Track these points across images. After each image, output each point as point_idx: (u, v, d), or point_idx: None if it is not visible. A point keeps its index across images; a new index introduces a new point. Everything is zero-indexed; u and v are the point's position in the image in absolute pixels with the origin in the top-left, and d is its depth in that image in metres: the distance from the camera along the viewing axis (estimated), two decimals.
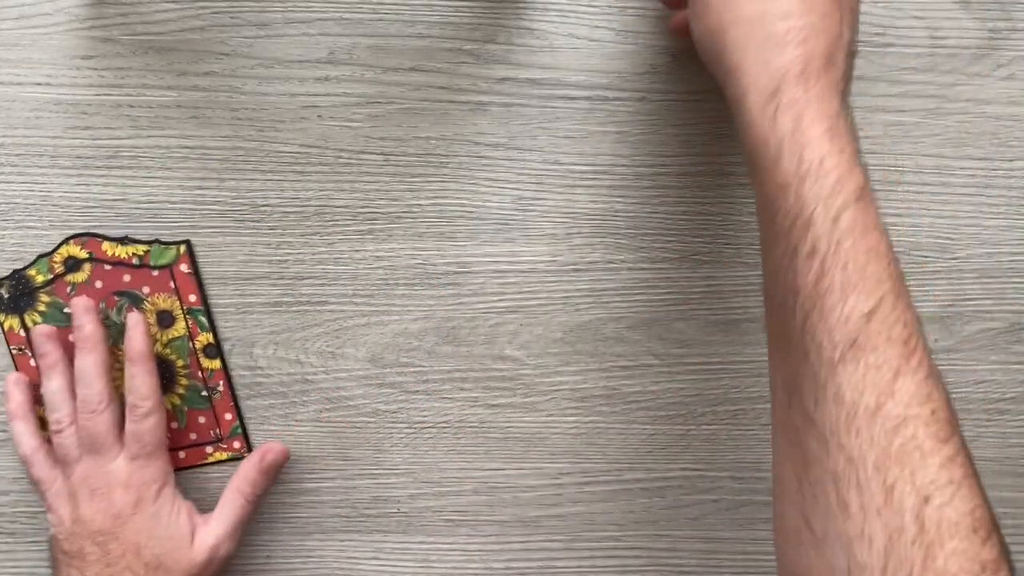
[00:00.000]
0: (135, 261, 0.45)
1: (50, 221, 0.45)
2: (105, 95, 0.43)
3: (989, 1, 0.43)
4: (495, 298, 0.47)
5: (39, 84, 0.43)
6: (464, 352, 0.47)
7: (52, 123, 0.43)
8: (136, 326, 0.44)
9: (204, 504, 0.48)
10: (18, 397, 0.45)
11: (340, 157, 0.44)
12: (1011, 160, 0.45)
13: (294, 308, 0.47)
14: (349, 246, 0.46)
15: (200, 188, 0.45)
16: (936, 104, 0.45)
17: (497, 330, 0.47)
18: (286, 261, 0.46)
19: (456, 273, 0.46)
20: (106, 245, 0.45)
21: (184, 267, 0.45)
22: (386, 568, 0.51)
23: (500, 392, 0.48)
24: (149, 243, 0.45)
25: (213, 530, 0.45)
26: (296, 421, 0.48)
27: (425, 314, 0.47)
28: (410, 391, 0.48)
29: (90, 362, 0.44)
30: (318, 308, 0.47)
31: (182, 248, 0.45)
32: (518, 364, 0.48)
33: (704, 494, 0.50)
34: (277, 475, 0.48)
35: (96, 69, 0.43)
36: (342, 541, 0.50)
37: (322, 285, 0.46)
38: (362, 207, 0.45)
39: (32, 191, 0.44)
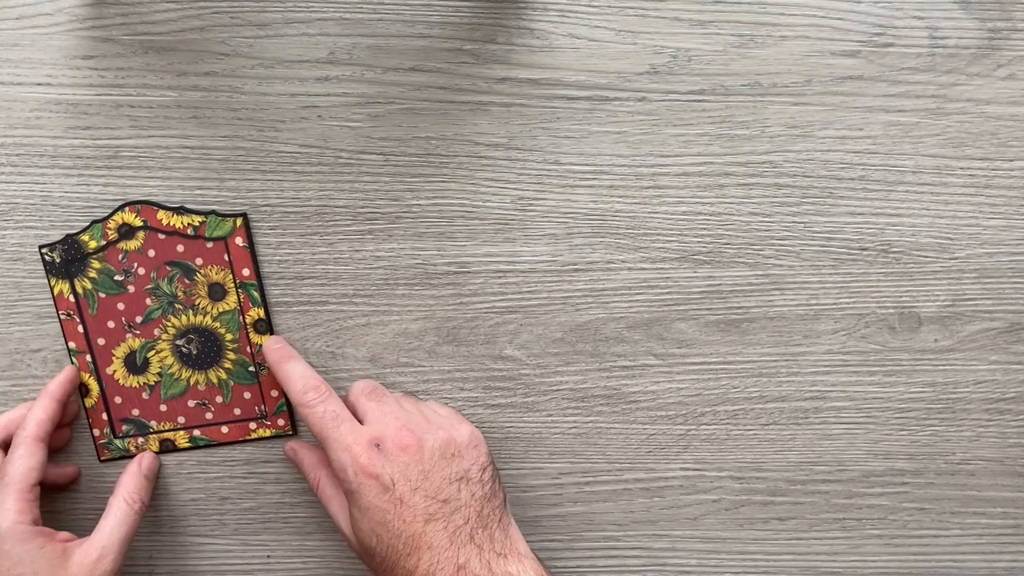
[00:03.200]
0: (190, 231, 0.45)
1: (50, 221, 0.45)
2: (105, 95, 0.43)
3: (989, 1, 0.43)
4: (495, 298, 0.47)
5: (39, 84, 0.43)
6: (464, 352, 0.47)
7: (52, 123, 0.43)
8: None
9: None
10: None
11: (340, 157, 0.44)
12: (1011, 160, 0.45)
13: (294, 308, 0.47)
14: (349, 246, 0.46)
15: (200, 188, 0.45)
16: (936, 104, 0.45)
17: (497, 330, 0.47)
18: (286, 261, 0.46)
19: (456, 273, 0.46)
20: (161, 214, 0.45)
21: (239, 240, 0.45)
22: None
23: (500, 392, 0.48)
24: (206, 214, 0.45)
25: (96, 544, 0.42)
26: (296, 421, 0.48)
27: (425, 314, 0.47)
28: (410, 391, 0.48)
29: None
30: (318, 308, 0.47)
31: (239, 221, 0.45)
32: (518, 364, 0.48)
33: (704, 494, 0.50)
34: (155, 480, 0.48)
35: (96, 69, 0.43)
36: (342, 541, 0.50)
37: (322, 285, 0.46)
38: (362, 207, 0.45)
39: (32, 191, 0.44)
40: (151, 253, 0.45)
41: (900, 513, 0.50)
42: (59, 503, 0.49)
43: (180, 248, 0.45)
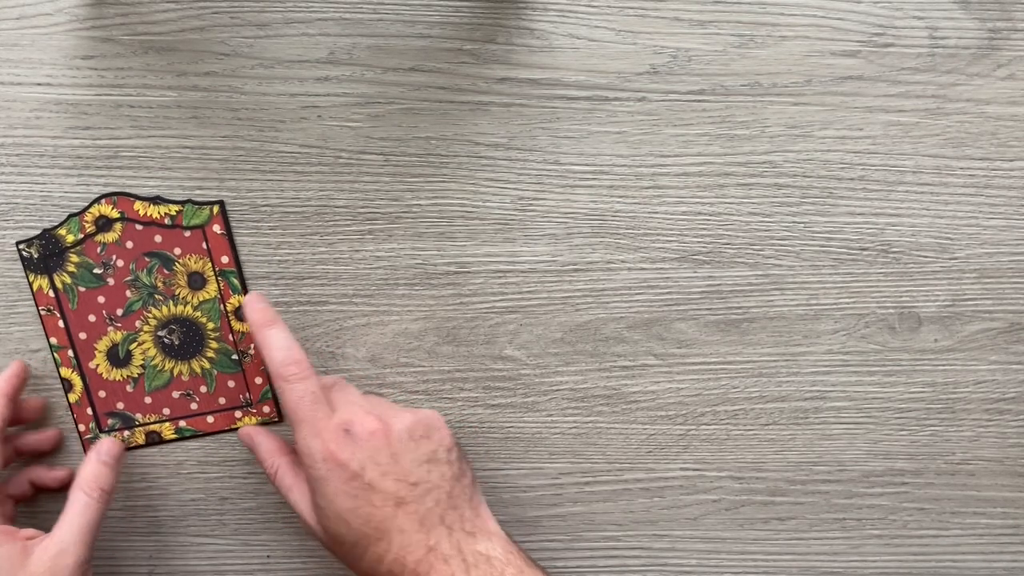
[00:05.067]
0: (167, 221, 0.45)
1: (50, 221, 0.45)
2: (105, 95, 0.43)
3: (989, 1, 0.43)
4: (495, 298, 0.47)
5: (39, 84, 0.43)
6: (464, 352, 0.47)
7: (52, 123, 0.43)
8: None
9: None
10: None
11: (340, 157, 0.44)
12: (1011, 160, 0.45)
13: (294, 308, 0.47)
14: (349, 246, 0.46)
15: (200, 188, 0.45)
16: (936, 104, 0.45)
17: (497, 330, 0.47)
18: (286, 261, 0.46)
19: (456, 273, 0.46)
20: (138, 204, 0.45)
21: (217, 228, 0.45)
22: None
23: (500, 392, 0.48)
24: (182, 203, 0.45)
25: (55, 539, 0.41)
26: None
27: (425, 314, 0.47)
28: (410, 391, 0.48)
29: None
30: (318, 308, 0.47)
31: (215, 209, 0.45)
32: (518, 364, 0.48)
33: (704, 494, 0.50)
34: (120, 468, 0.46)
35: (96, 69, 0.43)
36: None
37: (322, 285, 0.46)
38: (362, 207, 0.45)
39: (32, 191, 0.44)
40: (129, 244, 0.45)
41: (900, 513, 0.50)
42: (44, 503, 0.49)
43: (158, 238, 0.45)
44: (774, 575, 0.51)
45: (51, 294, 0.45)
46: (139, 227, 0.45)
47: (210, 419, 0.48)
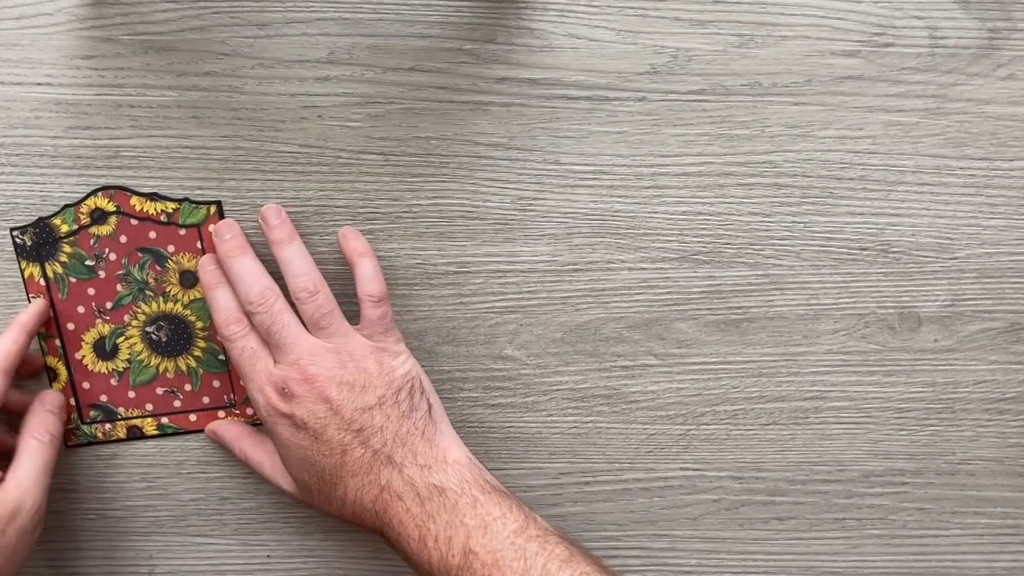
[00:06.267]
0: (163, 218, 0.45)
1: None
2: (105, 95, 0.43)
3: (989, 1, 0.43)
4: (495, 298, 0.47)
5: (39, 84, 0.43)
6: (464, 352, 0.47)
7: (52, 123, 0.43)
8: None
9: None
10: None
11: (340, 157, 0.44)
12: (1011, 160, 0.45)
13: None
14: None
15: (200, 188, 0.45)
16: (936, 104, 0.45)
17: (497, 330, 0.47)
18: None
19: (456, 273, 0.46)
20: (134, 200, 0.45)
21: (213, 228, 0.45)
22: (387, 568, 0.51)
23: (500, 392, 0.48)
24: (179, 201, 0.45)
25: (15, 482, 0.42)
26: None
27: (425, 314, 0.47)
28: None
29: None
30: None
31: (212, 208, 0.45)
32: (518, 364, 0.48)
33: (704, 494, 0.50)
34: (64, 415, 0.46)
35: (96, 69, 0.43)
36: (342, 541, 0.50)
37: None
38: (362, 207, 0.45)
39: (32, 191, 0.44)
40: (123, 239, 0.45)
41: (900, 513, 0.50)
42: None
43: (152, 235, 0.45)
44: (774, 575, 0.51)
45: (42, 282, 0.45)
46: (134, 222, 0.45)
47: (192, 417, 0.48)
